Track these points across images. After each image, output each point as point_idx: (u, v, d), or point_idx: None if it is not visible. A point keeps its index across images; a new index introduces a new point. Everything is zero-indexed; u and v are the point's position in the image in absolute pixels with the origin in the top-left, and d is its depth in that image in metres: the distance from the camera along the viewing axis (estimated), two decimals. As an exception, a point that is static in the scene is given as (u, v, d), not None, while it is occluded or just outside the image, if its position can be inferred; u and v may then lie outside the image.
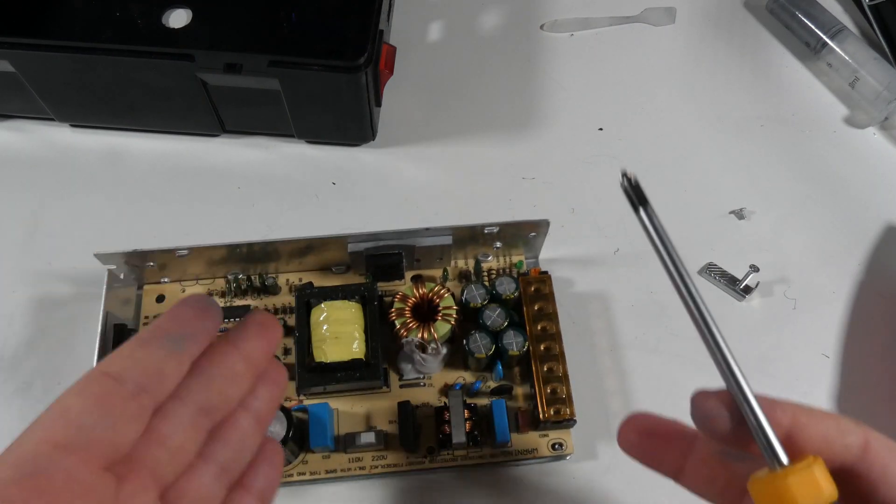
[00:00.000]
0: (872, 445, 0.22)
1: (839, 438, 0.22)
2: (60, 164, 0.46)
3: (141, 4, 0.40)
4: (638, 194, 0.23)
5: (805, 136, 0.47)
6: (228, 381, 0.24)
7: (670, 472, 0.24)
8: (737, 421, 0.22)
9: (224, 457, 0.24)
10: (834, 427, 0.22)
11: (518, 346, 0.37)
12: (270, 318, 0.26)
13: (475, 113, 0.48)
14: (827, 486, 0.20)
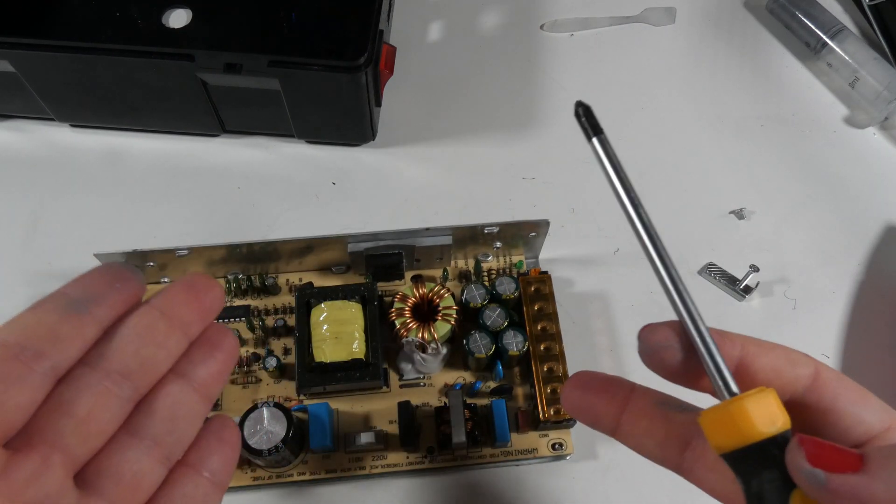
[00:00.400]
0: (822, 375, 0.22)
1: (789, 369, 0.21)
2: (60, 164, 0.46)
3: (141, 4, 0.40)
4: (592, 124, 0.23)
5: (805, 136, 0.47)
6: (145, 342, 0.22)
7: (609, 427, 0.23)
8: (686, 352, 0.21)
9: (154, 430, 0.21)
10: (784, 358, 0.22)
11: (518, 346, 0.37)
12: (203, 277, 0.24)
13: (475, 113, 0.48)
14: (781, 413, 0.20)
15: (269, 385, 0.39)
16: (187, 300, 0.23)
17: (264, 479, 0.36)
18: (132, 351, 0.21)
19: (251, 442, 0.34)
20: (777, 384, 0.21)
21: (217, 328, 0.24)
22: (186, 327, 0.23)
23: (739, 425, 0.19)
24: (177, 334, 0.22)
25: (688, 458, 0.22)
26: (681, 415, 0.22)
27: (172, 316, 0.22)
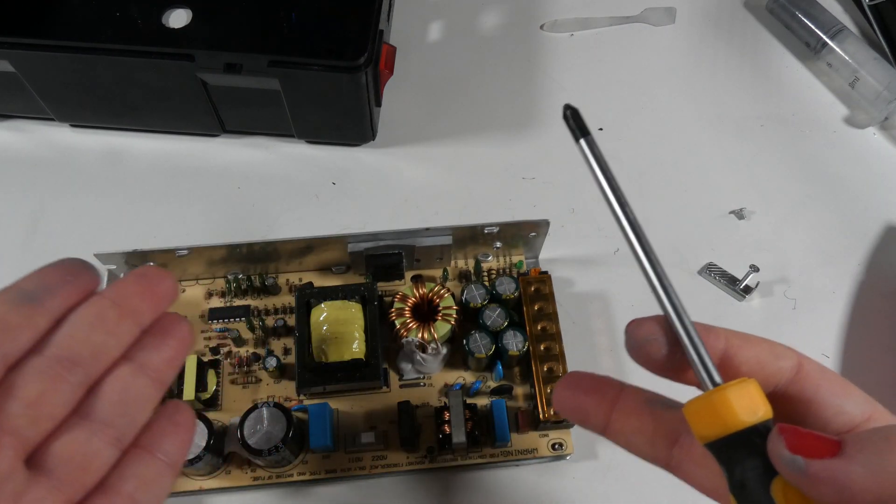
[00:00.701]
0: (805, 367, 0.22)
1: (773, 361, 0.22)
2: (60, 164, 0.46)
3: (141, 4, 0.40)
4: (579, 126, 0.23)
5: (805, 136, 0.47)
6: (95, 329, 0.22)
7: (599, 425, 0.23)
8: (671, 346, 0.22)
9: (105, 413, 0.22)
10: (767, 350, 0.22)
11: (518, 346, 0.37)
12: (156, 269, 0.25)
13: (475, 113, 0.48)
14: (763, 403, 0.20)
15: (269, 385, 0.39)
16: (139, 290, 0.24)
17: (264, 479, 0.36)
18: (82, 338, 0.22)
19: (251, 442, 0.34)
20: (761, 376, 0.21)
21: (170, 316, 0.25)
22: (138, 316, 0.23)
23: (722, 414, 0.20)
24: (128, 322, 0.23)
25: (676, 455, 0.22)
26: (669, 412, 0.22)
27: (123, 305, 0.23)
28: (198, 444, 0.34)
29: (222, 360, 0.39)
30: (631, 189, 0.46)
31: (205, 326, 0.40)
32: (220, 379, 0.38)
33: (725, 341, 0.22)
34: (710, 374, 0.21)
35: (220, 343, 0.39)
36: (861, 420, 0.21)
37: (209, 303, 0.40)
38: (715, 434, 0.20)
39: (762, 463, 0.19)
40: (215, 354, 0.39)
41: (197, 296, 0.41)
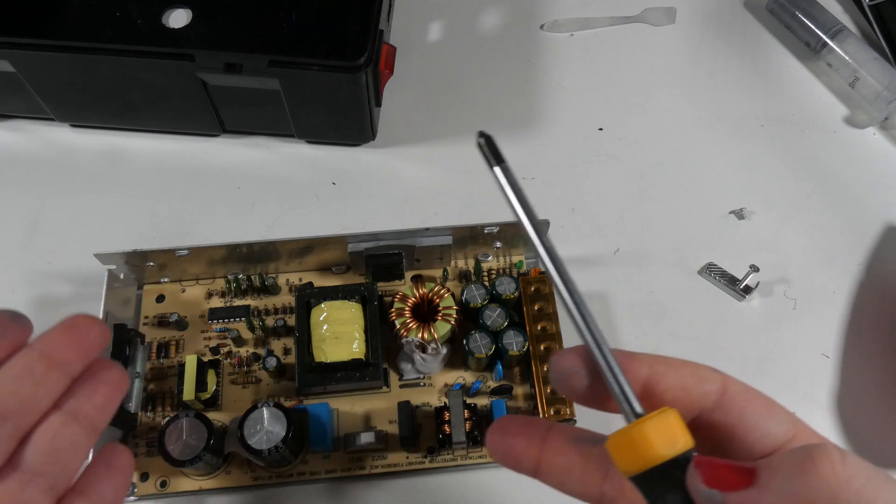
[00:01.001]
0: (729, 390, 0.22)
1: (697, 386, 0.22)
2: (60, 164, 0.46)
3: (141, 4, 0.40)
4: (493, 153, 0.23)
5: (805, 136, 0.47)
6: (23, 381, 0.23)
7: (530, 468, 0.23)
8: (594, 376, 0.22)
9: (37, 462, 0.23)
10: (691, 375, 0.22)
11: (518, 346, 0.37)
12: (84, 318, 0.25)
13: (475, 113, 0.48)
14: (682, 434, 0.20)
15: (269, 385, 0.39)
16: (67, 340, 0.24)
17: (264, 479, 0.36)
18: (10, 390, 0.23)
19: (251, 442, 0.34)
20: (685, 402, 0.21)
21: (101, 363, 0.25)
22: (66, 365, 0.24)
23: (641, 448, 0.20)
24: (56, 373, 0.24)
25: (608, 491, 0.22)
26: (596, 448, 0.22)
27: (52, 356, 0.24)
28: (197, 444, 0.34)
29: (222, 360, 0.39)
30: (631, 189, 0.47)
31: (205, 326, 0.40)
32: (220, 379, 0.38)
33: (649, 368, 0.22)
34: (631, 405, 0.21)
35: (220, 343, 0.39)
36: (785, 440, 0.21)
37: (209, 303, 0.40)
38: (636, 468, 0.20)
39: (682, 496, 0.20)
40: (215, 354, 0.39)
41: (197, 296, 0.41)
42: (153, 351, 0.39)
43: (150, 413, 0.38)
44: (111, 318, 0.38)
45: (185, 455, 0.34)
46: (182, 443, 0.34)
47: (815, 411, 0.39)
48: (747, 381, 0.41)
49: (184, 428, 0.34)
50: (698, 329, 0.41)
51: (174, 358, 0.39)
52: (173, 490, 0.36)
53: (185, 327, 0.40)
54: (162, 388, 0.38)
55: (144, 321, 0.40)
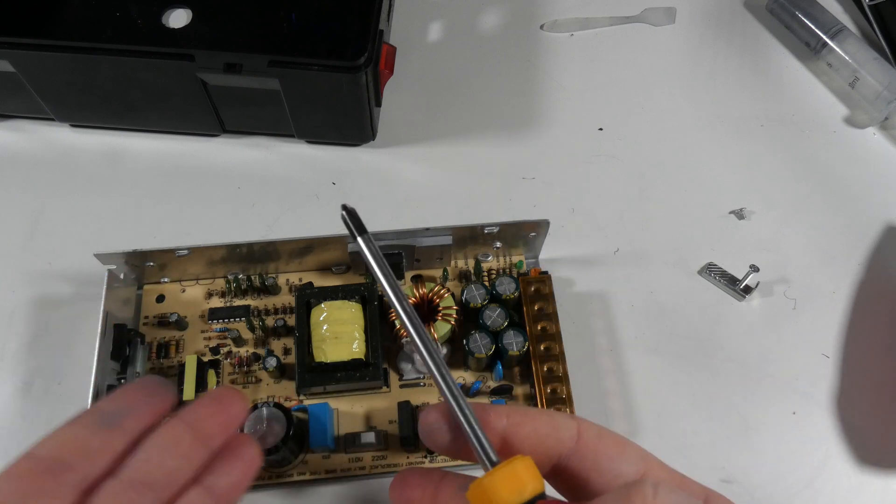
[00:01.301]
0: (583, 435, 0.23)
1: (552, 433, 0.23)
2: (60, 164, 0.46)
3: (141, 4, 0.40)
4: (356, 224, 0.25)
5: (805, 136, 0.47)
6: (170, 453, 0.23)
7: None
8: (456, 431, 0.23)
9: None
10: (547, 423, 0.23)
11: (518, 346, 0.37)
12: (229, 391, 0.26)
13: (475, 113, 0.48)
14: (530, 480, 0.21)
15: (269, 385, 0.39)
16: (213, 413, 0.25)
17: (264, 479, 0.36)
18: (157, 462, 0.23)
19: (251, 442, 0.34)
20: (542, 450, 0.23)
21: (240, 439, 0.26)
22: (210, 439, 0.24)
23: (492, 498, 0.21)
24: (200, 446, 0.24)
25: None
26: None
27: (198, 428, 0.24)
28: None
29: (222, 360, 0.39)
30: (631, 189, 0.47)
31: (205, 326, 0.40)
32: (220, 379, 0.38)
33: (507, 419, 0.23)
34: (487, 455, 0.22)
35: (220, 343, 0.39)
36: (636, 477, 0.23)
37: (209, 303, 0.40)
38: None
39: None
40: (215, 354, 0.39)
41: (197, 296, 0.41)
42: (153, 351, 0.39)
43: (150, 413, 0.38)
44: (111, 318, 0.38)
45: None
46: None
47: (815, 411, 0.39)
48: (747, 382, 0.42)
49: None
50: (698, 329, 0.41)
51: (174, 358, 0.39)
52: (173, 490, 0.36)
53: (185, 327, 0.40)
54: (162, 388, 0.38)
55: (144, 321, 0.40)
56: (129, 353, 0.37)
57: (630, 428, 0.38)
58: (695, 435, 0.38)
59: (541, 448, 0.23)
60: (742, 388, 0.39)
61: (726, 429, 0.38)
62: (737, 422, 0.39)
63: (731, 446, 0.38)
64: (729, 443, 0.38)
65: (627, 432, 0.38)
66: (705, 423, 0.38)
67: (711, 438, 0.38)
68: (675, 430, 0.38)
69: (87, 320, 0.39)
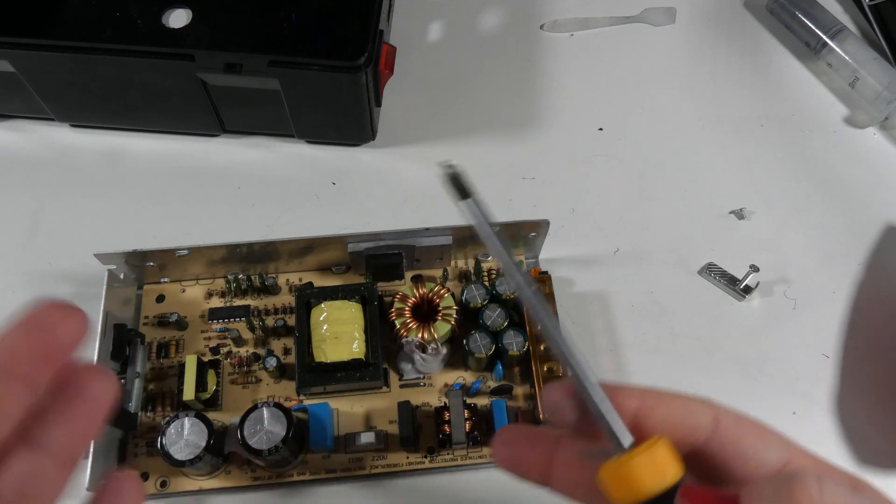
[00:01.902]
0: (722, 422, 0.22)
1: (688, 419, 0.22)
2: (60, 164, 0.46)
3: (141, 4, 0.40)
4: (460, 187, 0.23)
5: (805, 136, 0.47)
6: None
7: (540, 478, 0.23)
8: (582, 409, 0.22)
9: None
10: (682, 408, 0.22)
11: (518, 346, 0.37)
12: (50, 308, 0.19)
13: (475, 113, 0.48)
14: (671, 466, 0.20)
15: (269, 385, 0.39)
16: (28, 344, 0.19)
17: (264, 479, 0.36)
18: None
19: (251, 442, 0.34)
20: (677, 436, 0.21)
21: (81, 371, 0.20)
22: (29, 380, 0.19)
23: (630, 483, 0.20)
24: (15, 391, 0.18)
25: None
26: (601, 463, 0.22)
27: (7, 368, 0.18)
28: (198, 444, 0.34)
29: (222, 360, 0.39)
30: (631, 189, 0.47)
31: (205, 326, 0.40)
32: (220, 379, 0.38)
33: (639, 401, 0.22)
34: (617, 436, 0.21)
35: (220, 343, 0.39)
36: (780, 466, 0.21)
37: (209, 303, 0.40)
38: (627, 501, 0.20)
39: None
40: (215, 354, 0.39)
41: (197, 296, 0.41)
42: (153, 351, 0.39)
43: (150, 413, 0.38)
44: (111, 318, 0.38)
45: (185, 455, 0.34)
46: (182, 443, 0.34)
47: (815, 411, 0.39)
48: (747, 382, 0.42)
49: (184, 428, 0.34)
50: (698, 329, 0.41)
51: (174, 358, 0.39)
52: (173, 490, 0.36)
53: (185, 327, 0.40)
54: (162, 388, 0.38)
55: (144, 321, 0.40)
56: (129, 353, 0.37)
57: (630, 428, 0.38)
58: (695, 435, 0.38)
59: (675, 433, 0.21)
60: (742, 388, 0.39)
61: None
62: (737, 422, 0.39)
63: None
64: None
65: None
66: (705, 423, 0.38)
67: (711, 438, 0.38)
68: (675, 430, 0.38)
69: (87, 320, 0.39)
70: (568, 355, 0.22)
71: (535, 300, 0.23)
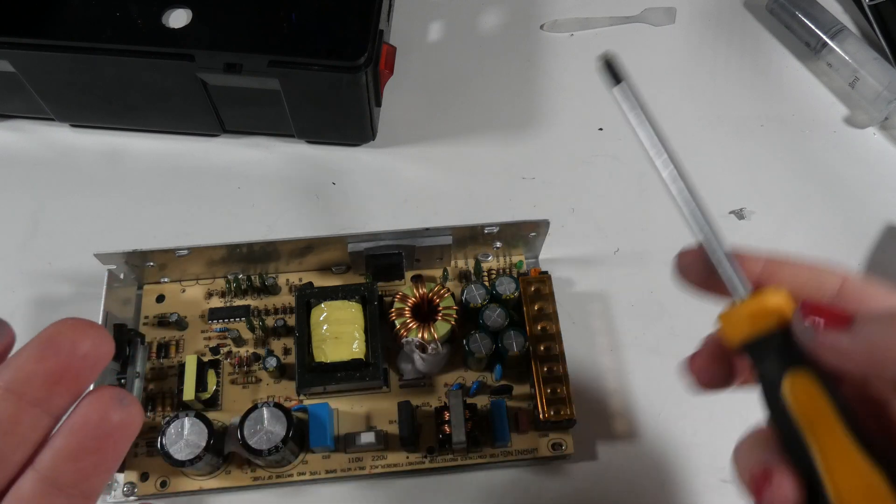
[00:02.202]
0: (848, 281, 0.22)
1: (814, 278, 0.23)
2: (60, 164, 0.46)
3: (141, 4, 0.40)
4: (613, 73, 0.25)
5: (805, 136, 0.47)
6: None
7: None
8: (711, 270, 0.23)
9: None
10: (807, 270, 0.23)
11: (518, 346, 0.37)
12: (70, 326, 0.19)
13: (475, 113, 0.48)
14: (787, 305, 0.21)
15: (269, 385, 0.39)
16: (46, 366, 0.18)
17: (264, 479, 0.36)
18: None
19: (251, 442, 0.34)
20: (800, 294, 0.22)
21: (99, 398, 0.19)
22: (46, 403, 0.18)
23: (747, 320, 0.22)
24: (30, 415, 0.18)
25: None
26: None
27: (23, 391, 0.18)
28: (198, 444, 0.34)
29: (222, 360, 0.39)
30: (631, 189, 0.47)
31: (205, 326, 0.40)
32: (220, 379, 0.38)
33: (765, 264, 0.23)
34: (738, 289, 0.22)
35: (220, 343, 0.39)
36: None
37: (209, 303, 0.40)
38: (741, 339, 0.22)
39: (780, 361, 0.21)
40: (215, 354, 0.39)
41: (197, 296, 0.41)
42: (153, 351, 0.39)
43: (150, 413, 0.38)
44: (111, 318, 0.38)
45: (185, 455, 0.34)
46: (182, 443, 0.34)
47: (815, 411, 0.39)
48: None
49: (184, 428, 0.34)
50: (698, 329, 0.41)
51: (174, 358, 0.39)
52: (173, 490, 0.36)
53: (185, 327, 0.40)
54: (162, 388, 0.38)
55: (144, 321, 0.40)
56: (129, 353, 0.37)
57: (630, 428, 0.38)
58: (695, 435, 0.38)
59: (799, 295, 0.22)
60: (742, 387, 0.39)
61: (726, 429, 0.38)
62: (737, 422, 0.38)
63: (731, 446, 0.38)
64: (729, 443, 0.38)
65: (627, 432, 0.38)
66: (705, 423, 0.38)
67: (711, 438, 0.38)
68: (675, 430, 0.38)
69: (87, 320, 0.39)
70: (701, 221, 0.25)
71: (688, 192, 0.26)
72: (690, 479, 0.37)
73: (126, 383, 0.37)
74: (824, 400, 0.20)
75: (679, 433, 0.38)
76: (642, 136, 0.24)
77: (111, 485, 0.36)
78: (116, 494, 0.36)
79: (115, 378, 0.37)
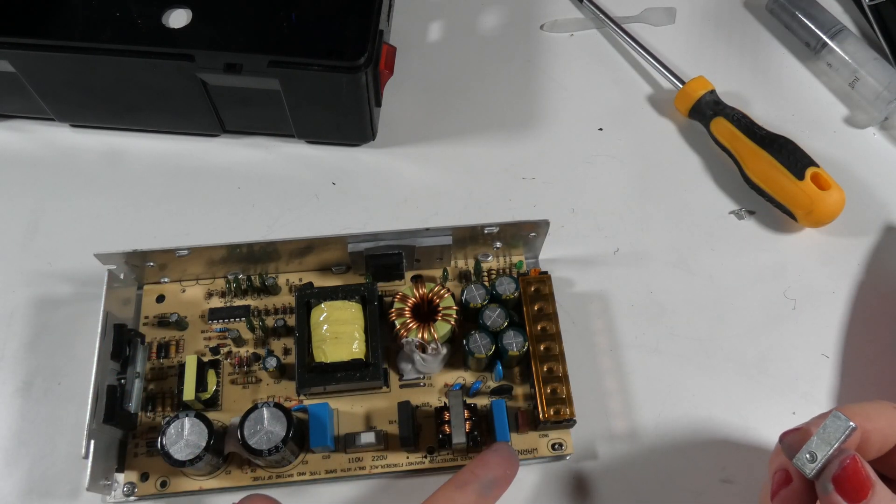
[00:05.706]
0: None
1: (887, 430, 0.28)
2: (60, 164, 0.46)
3: (141, 4, 0.40)
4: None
5: (805, 136, 0.47)
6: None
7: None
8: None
9: None
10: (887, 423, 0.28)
11: (518, 346, 0.37)
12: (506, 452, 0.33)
13: (475, 113, 0.48)
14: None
15: (269, 385, 0.39)
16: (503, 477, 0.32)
17: (264, 479, 0.36)
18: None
19: (251, 442, 0.34)
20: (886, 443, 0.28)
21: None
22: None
23: None
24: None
25: None
26: None
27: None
28: (198, 444, 0.34)
29: (222, 360, 0.39)
30: (631, 190, 0.47)
31: (205, 326, 0.40)
32: (220, 379, 0.38)
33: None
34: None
35: (220, 343, 0.39)
36: None
37: (209, 303, 0.40)
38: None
39: None
40: (215, 354, 0.39)
41: (197, 296, 0.41)
42: (153, 351, 0.39)
43: (150, 413, 0.38)
44: (111, 318, 0.38)
45: (185, 455, 0.34)
46: (182, 443, 0.34)
47: (815, 411, 0.39)
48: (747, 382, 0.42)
49: (184, 428, 0.34)
50: (698, 329, 0.41)
51: (174, 358, 0.39)
52: (173, 490, 0.36)
53: (185, 327, 0.40)
54: (162, 388, 0.38)
55: (144, 321, 0.40)
56: (129, 353, 0.37)
57: (630, 428, 0.38)
58: (695, 435, 0.38)
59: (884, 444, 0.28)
60: (742, 388, 0.39)
61: (726, 429, 0.38)
62: (737, 422, 0.39)
63: (731, 446, 0.38)
64: (729, 443, 0.38)
65: (627, 432, 0.38)
66: (705, 423, 0.38)
67: (711, 438, 0.38)
68: (675, 430, 0.38)
69: (87, 320, 0.39)
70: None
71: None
72: (690, 479, 0.37)
73: (126, 383, 0.37)
74: None
75: (679, 433, 0.38)
76: None
77: (111, 485, 0.36)
78: (116, 494, 0.36)
79: (115, 378, 0.37)
